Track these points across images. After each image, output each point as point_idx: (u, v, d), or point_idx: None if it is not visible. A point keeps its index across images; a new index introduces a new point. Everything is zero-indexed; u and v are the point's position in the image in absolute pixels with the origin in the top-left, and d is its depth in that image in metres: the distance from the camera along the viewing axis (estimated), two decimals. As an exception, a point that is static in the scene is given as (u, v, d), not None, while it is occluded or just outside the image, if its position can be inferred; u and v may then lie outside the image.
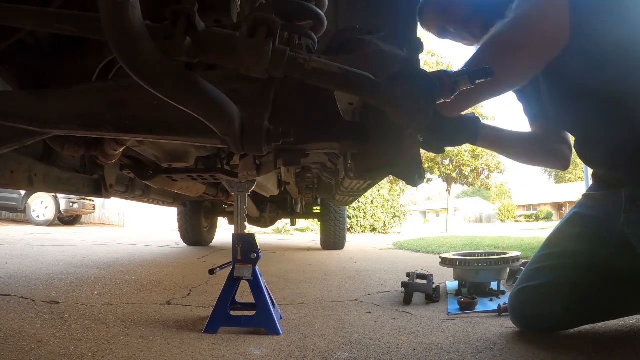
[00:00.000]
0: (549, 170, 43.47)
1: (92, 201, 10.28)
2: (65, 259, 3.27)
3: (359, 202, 11.91)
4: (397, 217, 13.33)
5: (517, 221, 34.54)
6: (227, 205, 4.56)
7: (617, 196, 1.20)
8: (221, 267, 1.54)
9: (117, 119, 0.88)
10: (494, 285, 1.93)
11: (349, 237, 6.48)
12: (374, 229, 12.56)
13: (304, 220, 9.08)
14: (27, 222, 9.66)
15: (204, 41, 0.66)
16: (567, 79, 0.98)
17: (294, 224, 6.30)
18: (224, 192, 3.17)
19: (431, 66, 13.14)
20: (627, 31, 1.03)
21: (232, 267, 1.42)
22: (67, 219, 10.36)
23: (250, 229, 4.83)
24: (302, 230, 11.82)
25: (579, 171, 36.05)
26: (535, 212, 37.22)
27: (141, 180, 2.03)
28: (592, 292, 1.24)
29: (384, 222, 12.82)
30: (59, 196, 9.23)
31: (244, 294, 1.51)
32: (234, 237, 1.43)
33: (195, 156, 1.68)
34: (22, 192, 9.18)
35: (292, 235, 10.08)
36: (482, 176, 14.13)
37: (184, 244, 4.91)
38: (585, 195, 1.39)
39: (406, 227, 14.62)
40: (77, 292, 1.97)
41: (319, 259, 3.84)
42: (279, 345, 1.23)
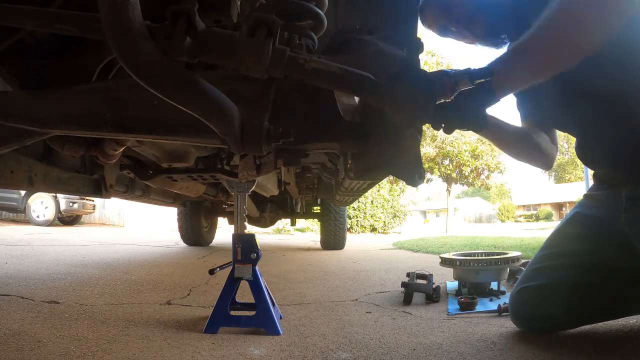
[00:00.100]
0: (549, 170, 43.47)
1: (92, 201, 10.27)
2: (65, 259, 3.27)
3: (359, 202, 11.91)
4: (397, 217, 13.32)
5: (517, 221, 34.52)
6: (227, 205, 4.56)
7: (618, 196, 1.20)
8: (221, 267, 1.54)
9: (117, 119, 0.88)
10: (494, 285, 1.93)
11: (349, 237, 6.48)
12: (374, 229, 12.55)
13: (304, 220, 9.08)
14: (27, 222, 9.65)
15: (204, 41, 0.66)
16: (568, 78, 0.98)
17: (294, 224, 6.29)
18: (224, 192, 3.17)
19: (431, 66, 13.13)
20: (627, 31, 1.03)
21: (232, 267, 1.42)
22: (67, 219, 10.35)
23: (250, 229, 4.83)
24: (302, 230, 11.82)
25: (579, 171, 36.06)
26: (535, 212, 37.20)
27: (141, 180, 2.03)
28: (592, 292, 1.24)
29: (384, 222, 12.81)
30: (59, 196, 9.22)
31: (244, 294, 1.51)
32: (234, 237, 1.43)
33: (195, 156, 1.68)
34: (22, 192, 9.18)
35: (292, 235, 10.08)
36: (482, 176, 14.13)
37: (184, 244, 4.91)
38: (586, 195, 1.39)
39: (406, 227, 14.61)
40: (77, 292, 1.97)
41: (319, 259, 3.84)
42: (279, 345, 1.23)
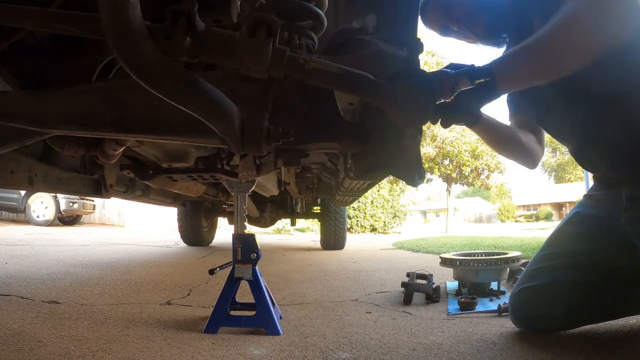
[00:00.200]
0: (548, 170, 43.56)
1: (92, 201, 10.27)
2: (65, 259, 3.27)
3: (359, 202, 11.90)
4: (397, 217, 13.32)
5: (517, 221, 34.52)
6: (227, 205, 4.56)
7: (618, 196, 1.20)
8: (221, 267, 1.54)
9: (117, 119, 0.88)
10: (494, 285, 1.93)
11: (349, 237, 6.48)
12: (374, 229, 12.55)
13: (304, 220, 9.07)
14: (27, 222, 9.65)
15: (204, 41, 0.66)
16: (567, 78, 0.98)
17: (294, 224, 6.29)
18: (224, 192, 3.17)
19: (431, 66, 13.13)
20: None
21: (232, 267, 1.42)
22: (67, 219, 10.35)
23: (250, 229, 4.83)
24: (302, 230, 11.82)
25: (579, 171, 36.04)
26: (535, 212, 37.20)
27: (141, 180, 2.03)
28: (592, 292, 1.24)
29: (384, 222, 12.81)
30: (59, 196, 9.22)
31: (244, 294, 1.51)
32: (234, 237, 1.43)
33: (195, 156, 1.68)
34: (22, 192, 9.18)
35: (292, 235, 10.08)
36: (482, 176, 14.12)
37: (184, 244, 4.91)
38: (586, 195, 1.39)
39: (406, 227, 14.61)
40: (77, 292, 1.97)
41: (319, 259, 3.84)
42: (279, 345, 1.23)
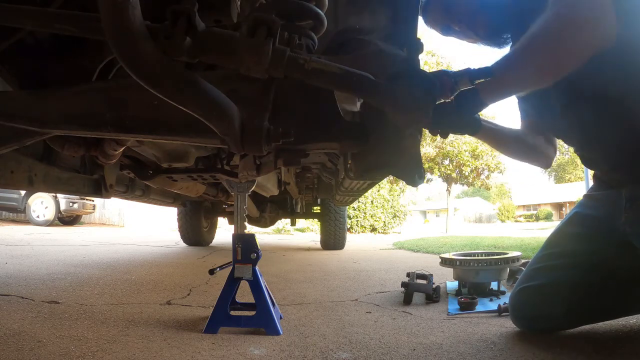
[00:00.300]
0: (548, 170, 43.59)
1: (92, 201, 10.27)
2: (65, 259, 3.27)
3: (359, 202, 11.90)
4: (397, 217, 13.32)
5: (517, 221, 34.51)
6: (227, 205, 4.56)
7: (618, 196, 1.20)
8: (221, 267, 1.53)
9: (117, 119, 0.88)
10: (494, 285, 1.93)
11: (349, 237, 6.48)
12: (374, 229, 12.55)
13: (304, 220, 9.07)
14: (27, 222, 9.65)
15: (204, 41, 0.66)
16: (568, 79, 0.98)
17: (294, 224, 6.29)
18: (224, 192, 3.17)
19: (431, 66, 13.13)
20: (626, 32, 1.03)
21: (232, 267, 1.42)
22: (67, 219, 10.35)
23: (250, 229, 4.83)
24: (302, 230, 11.82)
25: (579, 171, 36.06)
26: (535, 212, 37.19)
27: (141, 180, 2.03)
28: (592, 292, 1.24)
29: (384, 222, 12.81)
30: (59, 196, 9.22)
31: (244, 294, 1.51)
32: (234, 237, 1.43)
33: (195, 156, 1.68)
34: (22, 192, 9.17)
35: (292, 235, 10.08)
36: (482, 176, 14.12)
37: (184, 244, 4.91)
38: (586, 195, 1.39)
39: (406, 227, 14.61)
40: (77, 292, 1.97)
41: (319, 259, 3.84)
42: (279, 345, 1.23)
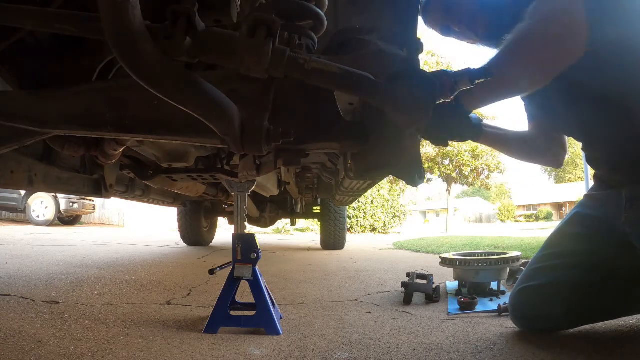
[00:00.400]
0: (548, 170, 43.62)
1: (92, 201, 10.27)
2: (65, 259, 3.27)
3: (359, 202, 11.90)
4: (397, 217, 13.32)
5: (517, 221, 34.50)
6: (227, 205, 4.56)
7: (618, 196, 1.20)
8: (221, 267, 1.54)
9: (117, 119, 0.88)
10: (494, 285, 1.93)
11: (349, 237, 6.48)
12: (374, 229, 12.55)
13: (304, 220, 9.07)
14: (27, 222, 9.65)
15: (204, 41, 0.66)
16: (568, 79, 0.98)
17: (294, 224, 6.29)
18: (224, 192, 3.17)
19: (431, 66, 13.13)
20: (626, 31, 1.03)
21: (232, 267, 1.42)
22: (67, 219, 10.35)
23: (250, 229, 4.83)
24: (302, 230, 11.82)
25: (579, 171, 36.07)
26: (535, 212, 37.18)
27: (141, 180, 2.03)
28: (592, 292, 1.24)
29: (384, 222, 12.80)
30: (59, 196, 9.22)
31: (244, 294, 1.51)
32: (234, 237, 1.43)
33: (195, 156, 1.68)
34: (22, 192, 9.17)
35: (292, 235, 10.08)
36: (482, 176, 14.11)
37: (184, 244, 4.91)
38: (586, 195, 1.39)
39: (406, 227, 14.60)
40: (77, 292, 1.97)
41: (319, 259, 3.84)
42: (279, 345, 1.23)
